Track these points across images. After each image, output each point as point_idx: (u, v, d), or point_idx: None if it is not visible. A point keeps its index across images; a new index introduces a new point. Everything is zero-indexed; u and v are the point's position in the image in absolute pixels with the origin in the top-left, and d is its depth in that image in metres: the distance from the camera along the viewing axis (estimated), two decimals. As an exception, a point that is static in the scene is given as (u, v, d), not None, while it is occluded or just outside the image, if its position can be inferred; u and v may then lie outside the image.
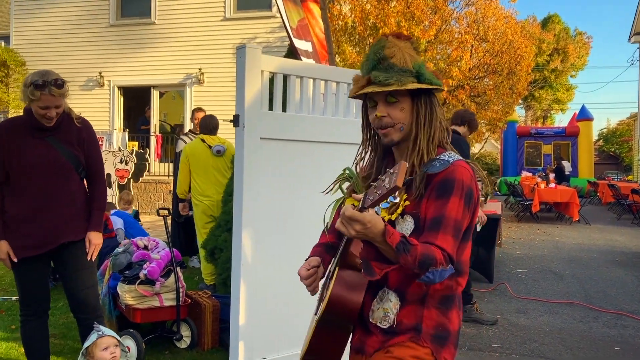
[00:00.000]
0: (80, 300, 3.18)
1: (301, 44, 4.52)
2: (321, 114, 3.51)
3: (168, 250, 4.29)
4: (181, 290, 4.16)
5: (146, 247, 4.39)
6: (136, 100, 15.70)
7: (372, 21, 12.75)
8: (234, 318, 3.20)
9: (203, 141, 5.68)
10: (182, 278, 4.28)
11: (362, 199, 1.47)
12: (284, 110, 3.38)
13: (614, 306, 5.91)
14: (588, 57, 35.99)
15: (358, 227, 1.45)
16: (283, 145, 3.30)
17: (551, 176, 15.19)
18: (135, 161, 12.35)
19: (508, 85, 14.46)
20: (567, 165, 21.03)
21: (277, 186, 3.28)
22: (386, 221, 1.54)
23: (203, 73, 14.39)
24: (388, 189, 1.39)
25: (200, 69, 14.38)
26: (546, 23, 34.27)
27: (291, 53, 4.68)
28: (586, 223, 13.34)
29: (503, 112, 15.44)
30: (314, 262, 1.79)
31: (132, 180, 12.50)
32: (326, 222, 1.95)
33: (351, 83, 1.77)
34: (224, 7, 14.32)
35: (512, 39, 14.02)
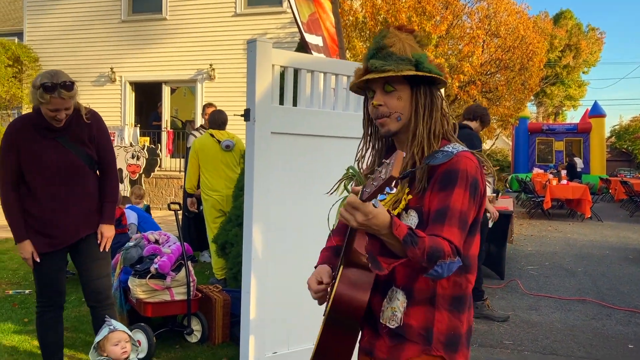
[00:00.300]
0: (93, 288, 3.25)
1: (312, 39, 4.50)
2: (332, 109, 3.50)
3: (179, 244, 4.30)
4: (192, 284, 4.17)
5: (157, 241, 4.40)
6: (147, 95, 15.77)
7: (383, 16, 12.70)
8: (245, 312, 3.20)
9: (212, 136, 5.68)
10: (193, 272, 4.30)
11: (361, 192, 1.40)
12: (295, 104, 3.37)
13: (627, 303, 5.86)
14: (601, 53, 35.69)
15: (360, 218, 1.38)
16: (293, 139, 3.29)
17: (563, 173, 15.09)
18: (146, 156, 12.42)
19: (520, 81, 14.35)
20: (579, 162, 20.87)
21: (288, 181, 3.27)
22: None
23: (214, 69, 14.42)
24: (384, 180, 1.33)
25: (211, 65, 14.41)
26: (558, 19, 33.98)
27: (302, 48, 4.67)
28: (598, 220, 13.23)
29: (514, 108, 15.33)
30: (326, 278, 1.70)
31: (144, 175, 12.58)
32: (331, 224, 1.89)
33: None
34: (235, 3, 14.33)
35: (524, 35, 13.90)
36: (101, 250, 3.23)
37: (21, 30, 16.74)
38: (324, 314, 1.64)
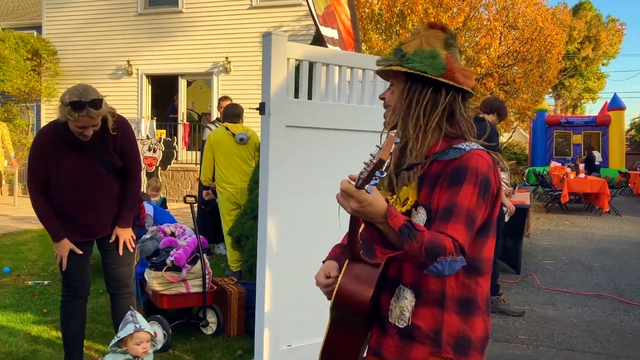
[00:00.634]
0: (115, 275, 3.40)
1: (327, 31, 4.48)
2: (347, 102, 3.49)
3: (194, 237, 4.33)
4: (207, 277, 4.20)
5: (173, 234, 4.43)
6: (164, 88, 15.84)
7: (399, 8, 12.59)
8: (260, 305, 3.22)
9: (227, 129, 5.71)
10: (209, 265, 4.32)
11: (357, 179, 1.40)
12: (310, 97, 3.37)
13: (645, 299, 5.80)
14: (621, 45, 35.07)
15: (354, 205, 1.39)
16: (308, 133, 3.29)
17: (581, 166, 14.91)
18: (163, 149, 12.48)
19: (538, 73, 14.17)
20: (598, 155, 20.60)
21: (302, 174, 3.27)
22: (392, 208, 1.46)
23: (230, 62, 14.43)
24: (374, 164, 1.34)
25: (227, 58, 14.42)
26: (577, 10, 33.46)
27: (317, 41, 4.65)
28: (617, 214, 13.07)
29: (532, 101, 15.15)
30: (334, 272, 1.69)
31: (160, 168, 12.64)
32: (343, 219, 1.89)
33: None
34: (251, -5, 14.32)
35: (543, 26, 13.71)
36: (120, 253, 3.35)
37: (40, 23, 16.88)
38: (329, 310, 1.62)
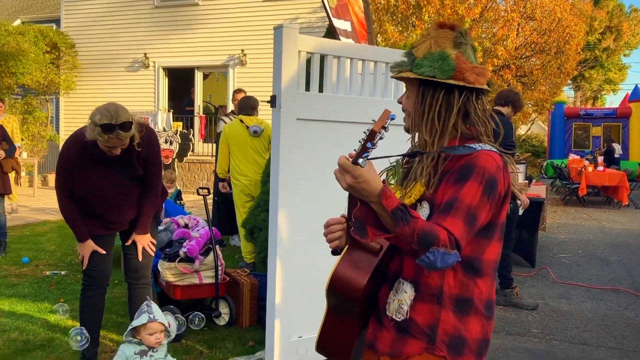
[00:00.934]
0: (134, 265, 3.49)
1: (340, 24, 4.48)
2: (358, 95, 3.49)
3: (207, 228, 4.37)
4: (220, 268, 4.24)
5: (186, 226, 4.48)
6: (180, 81, 15.92)
7: (415, -1, 12.52)
8: (271, 296, 3.24)
9: (241, 122, 5.74)
10: (222, 256, 4.36)
11: (355, 154, 1.43)
12: (321, 90, 3.37)
13: (662, 294, 5.73)
14: (643, 35, 34.47)
15: (349, 179, 1.42)
16: (319, 126, 3.30)
17: (600, 159, 14.71)
18: (179, 141, 12.56)
19: (556, 64, 14.02)
20: (618, 147, 20.27)
21: (313, 167, 3.28)
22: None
23: (245, 54, 14.45)
24: (367, 135, 1.37)
25: (242, 50, 14.44)
26: (598, 0, 32.93)
27: (330, 33, 4.66)
28: (636, 208, 12.89)
29: (550, 93, 15.00)
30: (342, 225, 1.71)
31: (177, 160, 12.74)
32: None
33: (389, 62, 1.78)
34: (266, -12, 14.30)
35: (561, 17, 13.55)
36: (140, 259, 3.44)
37: (58, 17, 17.05)
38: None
